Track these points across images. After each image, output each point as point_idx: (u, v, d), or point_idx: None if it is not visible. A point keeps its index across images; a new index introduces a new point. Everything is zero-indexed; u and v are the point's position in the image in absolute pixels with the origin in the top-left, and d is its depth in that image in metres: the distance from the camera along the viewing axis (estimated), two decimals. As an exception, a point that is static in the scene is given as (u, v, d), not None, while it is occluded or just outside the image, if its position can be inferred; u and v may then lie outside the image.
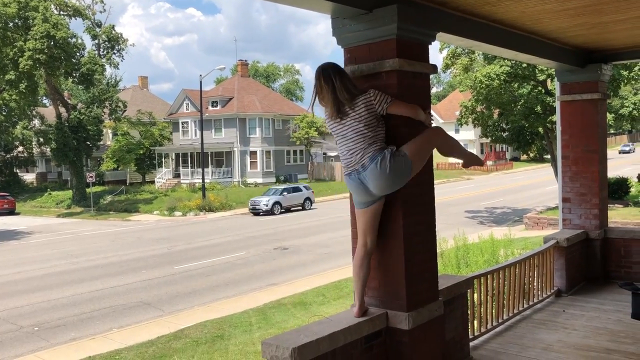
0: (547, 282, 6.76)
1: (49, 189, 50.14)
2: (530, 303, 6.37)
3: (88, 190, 42.48)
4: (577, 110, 7.31)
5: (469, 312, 5.23)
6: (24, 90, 37.89)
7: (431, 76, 4.60)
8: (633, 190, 25.56)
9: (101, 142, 50.35)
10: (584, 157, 7.30)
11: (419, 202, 4.12)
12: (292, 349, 3.30)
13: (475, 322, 5.39)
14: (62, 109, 43.60)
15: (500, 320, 5.76)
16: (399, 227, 3.97)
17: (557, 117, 7.64)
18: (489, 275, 5.57)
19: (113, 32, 46.01)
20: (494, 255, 10.12)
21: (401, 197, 3.96)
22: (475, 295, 5.46)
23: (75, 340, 13.30)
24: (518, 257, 6.38)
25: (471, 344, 5.20)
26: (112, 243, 27.45)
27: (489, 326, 5.58)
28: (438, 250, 11.31)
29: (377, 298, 4.11)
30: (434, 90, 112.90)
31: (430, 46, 4.30)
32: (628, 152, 75.68)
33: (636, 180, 27.82)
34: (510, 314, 5.98)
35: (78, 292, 17.58)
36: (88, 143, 44.53)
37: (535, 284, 6.51)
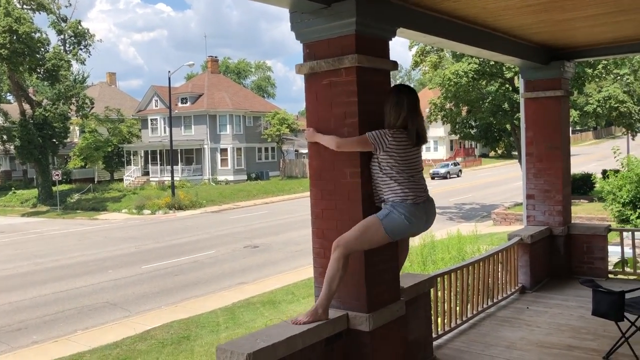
0: (512, 279, 6.78)
1: (13, 188, 48.92)
2: (495, 300, 6.37)
3: (54, 188, 41.56)
4: (541, 108, 7.34)
5: (432, 310, 5.20)
6: (-15, 87, 36.88)
7: (401, 73, 4.50)
8: (597, 186, 26.03)
9: (68, 140, 49.26)
10: (547, 154, 7.34)
11: (380, 201, 4.05)
12: (247, 354, 3.19)
13: (439, 320, 5.36)
14: (26, 106, 42.53)
15: (464, 318, 5.74)
16: (359, 227, 3.89)
17: (521, 114, 7.67)
18: (452, 274, 5.54)
19: (79, 27, 45.11)
20: (460, 252, 10.16)
21: (362, 197, 3.88)
22: (440, 293, 5.42)
23: (38, 343, 12.96)
24: (482, 255, 6.37)
25: (435, 343, 5.17)
26: (78, 242, 26.88)
27: (453, 324, 5.56)
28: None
29: (337, 299, 4.03)
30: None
31: (395, 43, 4.25)
32: (444, 176, 52.80)
33: (600, 176, 28.33)
34: (475, 312, 5.97)
35: (42, 294, 17.14)
36: (54, 140, 43.52)
37: (499, 281, 6.51)
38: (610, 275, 7.55)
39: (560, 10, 5.01)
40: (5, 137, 45.19)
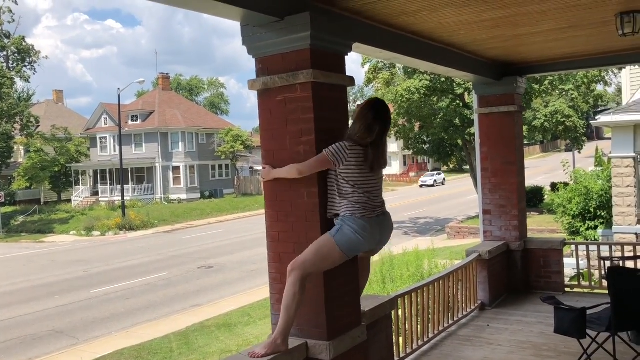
0: (471, 296, 6.70)
1: (-48, 211, 46.60)
2: (455, 319, 6.27)
3: (-3, 211, 39.81)
4: (495, 123, 7.36)
5: (394, 332, 5.04)
6: None
7: (354, 90, 4.38)
8: (547, 198, 26.69)
9: (12, 160, 47.38)
10: (502, 169, 7.35)
11: (338, 222, 3.87)
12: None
13: (401, 342, 5.20)
14: (-34, 125, 40.76)
15: (425, 339, 5.60)
16: (318, 250, 3.70)
17: (475, 130, 7.67)
18: (413, 293, 5.41)
19: (24, 43, 43.69)
20: (418, 269, 10.08)
21: (319, 217, 3.70)
22: (400, 312, 5.27)
23: (-24, 378, 12.21)
24: (442, 272, 6.27)
25: (397, 366, 5.00)
26: (22, 267, 25.71)
27: (414, 346, 5.41)
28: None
29: (296, 327, 3.81)
30: (357, 104, 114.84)
31: (348, 60, 4.10)
32: (431, 185, 57.39)
33: (549, 188, 29.10)
34: (436, 332, 5.84)
35: (-19, 323, 16.23)
36: (-4, 161, 41.79)
37: (459, 298, 6.42)
38: (567, 289, 7.58)
39: (513, 26, 5.00)
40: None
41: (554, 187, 25.49)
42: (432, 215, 35.57)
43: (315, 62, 3.69)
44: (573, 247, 8.88)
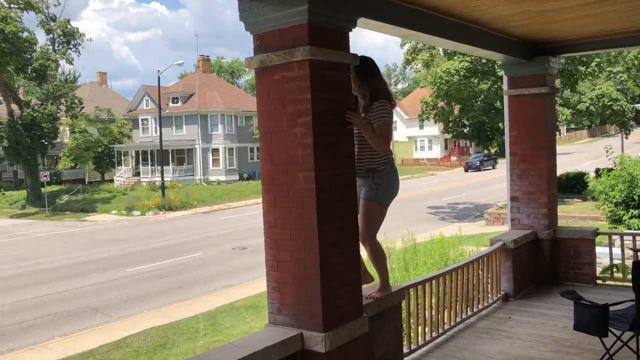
0: (494, 286, 6.42)
1: (2, 189, 48.36)
2: (475, 310, 6.01)
3: (43, 189, 41.06)
4: (525, 105, 6.99)
5: (405, 323, 4.83)
6: (-29, 87, 36.36)
7: (396, 72, 4.20)
8: (590, 184, 25.76)
9: (58, 140, 48.73)
10: (532, 154, 6.99)
11: (337, 208, 3.68)
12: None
13: (413, 333, 4.99)
14: (14, 106, 42.00)
15: (440, 331, 5.38)
16: (314, 237, 3.53)
17: (505, 113, 7.31)
18: (427, 283, 5.17)
19: (68, 26, 44.54)
20: (442, 257, 9.79)
21: (316, 203, 3.52)
22: (412, 302, 5.06)
23: (13, 350, 12.55)
24: (462, 262, 6.01)
25: (407, 358, 4.80)
26: (64, 245, 26.42)
27: (427, 338, 5.19)
28: (387, 252, 10.91)
29: (292, 317, 3.67)
30: (399, 86, 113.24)
31: (388, 40, 3.90)
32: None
33: (594, 175, 28.06)
34: (453, 323, 5.61)
35: (21, 299, 16.71)
36: (43, 141, 43.01)
37: (480, 288, 6.15)
38: (599, 281, 7.20)
39: (538, 1, 4.64)
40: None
41: (597, 173, 24.54)
42: (472, 201, 34.84)
43: (313, 38, 3.48)
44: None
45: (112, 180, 49.51)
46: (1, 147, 43.32)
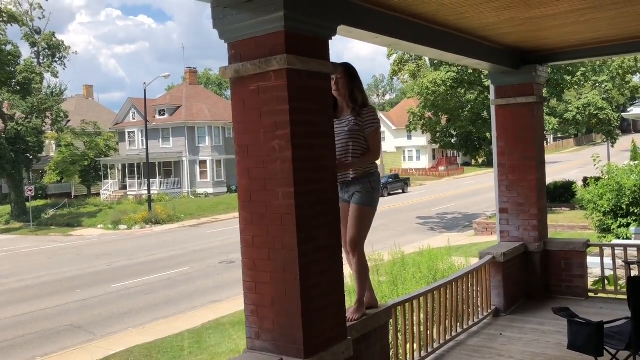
0: (484, 301, 6.23)
1: (-15, 204, 47.66)
2: (466, 326, 5.82)
3: (28, 204, 40.48)
4: (512, 115, 6.86)
5: (393, 342, 4.63)
6: (-47, 101, 35.86)
7: (383, 83, 4.03)
8: (579, 194, 25.79)
9: (44, 154, 48.17)
10: (520, 165, 6.84)
11: (319, 224, 3.48)
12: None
13: (401, 352, 4.78)
14: (-2, 120, 41.53)
15: (430, 349, 5.18)
16: (294, 257, 3.33)
17: (492, 123, 7.17)
18: (414, 301, 4.97)
19: (53, 39, 44.17)
20: (431, 270, 9.60)
21: (296, 220, 3.31)
22: (401, 321, 4.85)
23: (-9, 372, 12.19)
24: (451, 276, 5.82)
25: (395, 380, 4.59)
26: (48, 260, 25.95)
27: (416, 357, 4.98)
28: (374, 265, 10.66)
29: (271, 342, 3.45)
30: (387, 97, 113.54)
31: (376, 51, 3.76)
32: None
33: (581, 183, 28.12)
34: (442, 341, 5.40)
35: (2, 317, 16.29)
36: (28, 155, 42.46)
37: (470, 304, 5.96)
38: (591, 294, 7.04)
39: (525, 7, 4.51)
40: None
41: (585, 182, 24.55)
42: (461, 210, 34.74)
43: (290, 46, 3.29)
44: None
45: (98, 194, 48.98)
46: (-16, 161, 42.70)
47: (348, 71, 4.00)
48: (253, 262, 3.53)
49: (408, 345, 4.86)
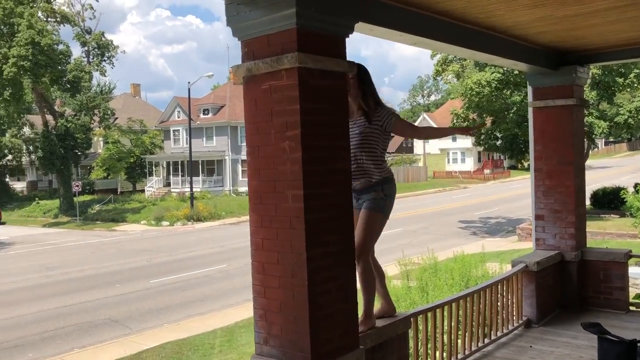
0: (515, 311, 5.98)
1: (37, 198, 49.34)
2: (494, 337, 5.58)
3: (75, 199, 41.71)
4: (551, 118, 6.56)
5: (411, 353, 4.46)
6: (8, 98, 37.17)
7: (429, 83, 3.93)
8: (628, 200, 24.82)
9: (92, 151, 49.57)
10: (558, 170, 6.54)
11: (330, 229, 3.36)
12: None
13: (421, 364, 4.61)
14: (49, 117, 42.90)
15: (453, 361, 4.97)
16: (302, 261, 3.22)
17: (529, 126, 6.89)
18: (437, 310, 4.79)
19: (103, 39, 45.37)
20: (463, 277, 9.32)
21: (305, 224, 3.20)
22: (422, 331, 4.67)
23: (31, 362, 12.52)
24: (479, 285, 5.60)
25: (413, 392, 4.42)
26: (91, 255, 26.63)
27: (438, 368, 4.80)
28: (404, 270, 10.41)
29: (279, 348, 3.35)
30: (432, 98, 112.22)
31: (421, 52, 3.60)
32: None
33: (632, 189, 27.05)
34: (468, 352, 5.19)
35: (45, 308, 16.76)
36: (76, 151, 43.74)
37: (500, 314, 5.72)
38: (632, 308, 6.66)
39: (559, 5, 4.27)
40: (31, 147, 45.71)
41: (636, 188, 23.57)
42: (505, 215, 33.95)
43: (302, 44, 3.18)
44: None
45: (143, 191, 50.05)
46: (36, 156, 44.18)
47: (359, 72, 3.85)
48: (262, 265, 3.44)
49: (430, 356, 4.68)
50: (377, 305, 4.08)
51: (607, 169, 56.79)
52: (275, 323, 3.36)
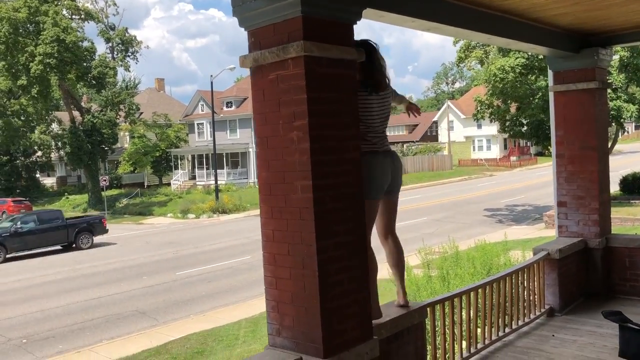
0: (538, 300, 5.88)
1: (66, 193, 50.27)
2: (515, 326, 5.50)
3: (103, 193, 42.40)
4: (572, 102, 6.40)
5: (430, 343, 4.41)
6: (35, 95, 37.87)
7: (453, 70, 3.86)
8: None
9: (118, 145, 50.25)
10: (580, 155, 6.39)
11: (340, 219, 3.32)
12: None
13: (439, 355, 4.56)
14: (76, 113, 43.59)
15: (472, 350, 4.91)
16: (312, 252, 3.19)
17: (550, 110, 6.73)
18: (455, 299, 4.72)
19: (126, 34, 45.85)
20: (484, 266, 9.19)
21: (314, 214, 3.17)
22: (439, 320, 4.62)
23: (62, 353, 12.77)
24: (498, 274, 5.51)
25: (431, 382, 4.38)
26: (119, 248, 27.06)
27: (456, 358, 4.74)
28: (424, 260, 10.31)
29: (291, 339, 3.34)
30: (457, 85, 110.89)
31: (442, 38, 3.53)
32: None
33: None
34: (488, 342, 5.12)
35: (74, 301, 17.10)
36: (103, 146, 44.42)
37: (520, 303, 5.63)
38: (659, 295, 6.50)
39: (577, -17, 4.14)
40: (59, 143, 46.56)
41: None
42: (531, 202, 33.48)
43: (308, 32, 3.14)
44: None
45: (169, 184, 50.62)
46: (64, 152, 44.97)
47: (374, 52, 3.78)
48: (273, 257, 3.43)
49: (448, 345, 4.63)
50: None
51: (637, 153, 55.53)
52: (287, 314, 3.35)
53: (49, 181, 59.54)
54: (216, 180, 39.81)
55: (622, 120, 26.91)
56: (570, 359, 4.83)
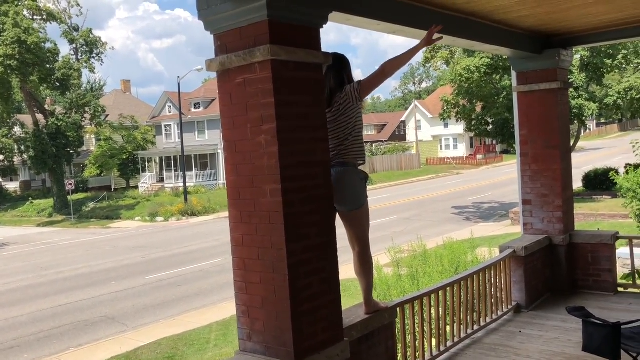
0: (505, 297, 5.99)
1: (31, 198, 49.11)
2: (483, 323, 5.59)
3: (69, 197, 41.55)
4: (535, 102, 6.55)
5: (399, 343, 4.46)
6: (-4, 98, 36.96)
7: (420, 71, 3.84)
8: (618, 182, 24.94)
9: (84, 148, 49.28)
10: (544, 154, 6.54)
11: (310, 222, 3.34)
12: None
13: (409, 355, 4.61)
14: (39, 116, 42.60)
15: (442, 349, 4.98)
16: (282, 256, 3.19)
17: (514, 110, 6.87)
18: (424, 298, 4.78)
19: (91, 35, 45.01)
20: (452, 264, 9.34)
21: (284, 218, 3.18)
22: (409, 320, 4.67)
23: (27, 363, 12.50)
24: (466, 272, 5.60)
25: (402, 381, 4.42)
26: (86, 253, 26.56)
27: (427, 357, 4.80)
28: (394, 260, 10.40)
29: (262, 344, 3.34)
30: (423, 85, 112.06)
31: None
32: None
33: (623, 171, 27.13)
34: (457, 339, 5.20)
35: (40, 309, 16.72)
36: (68, 149, 43.49)
37: (488, 300, 5.73)
38: (620, 289, 6.70)
39: (538, -13, 4.23)
40: (22, 147, 45.44)
41: (626, 169, 23.62)
42: (497, 200, 34.06)
43: (275, 36, 3.14)
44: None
45: (137, 187, 49.88)
46: (27, 156, 43.92)
47: (341, 62, 3.79)
48: (243, 261, 3.42)
49: (418, 344, 4.68)
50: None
51: (598, 150, 56.98)
52: (258, 319, 3.34)
53: (11, 186, 58.01)
54: (184, 182, 39.41)
55: (584, 118, 27.58)
56: (536, 354, 4.94)
